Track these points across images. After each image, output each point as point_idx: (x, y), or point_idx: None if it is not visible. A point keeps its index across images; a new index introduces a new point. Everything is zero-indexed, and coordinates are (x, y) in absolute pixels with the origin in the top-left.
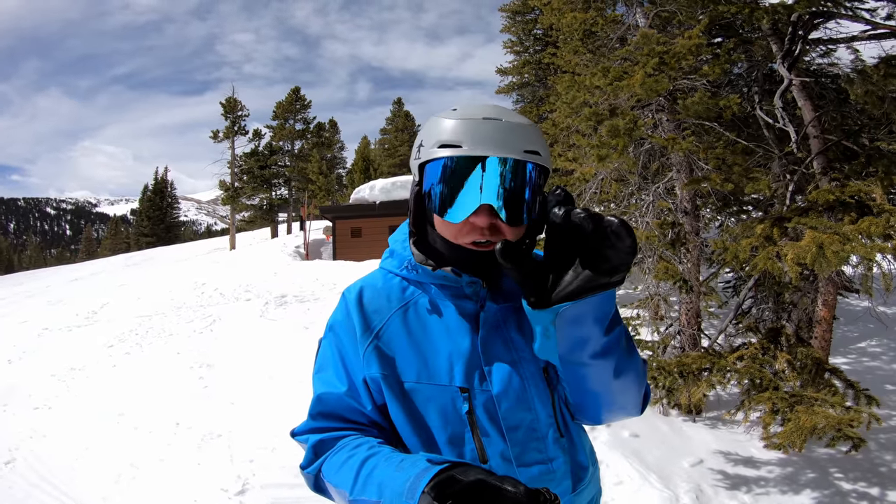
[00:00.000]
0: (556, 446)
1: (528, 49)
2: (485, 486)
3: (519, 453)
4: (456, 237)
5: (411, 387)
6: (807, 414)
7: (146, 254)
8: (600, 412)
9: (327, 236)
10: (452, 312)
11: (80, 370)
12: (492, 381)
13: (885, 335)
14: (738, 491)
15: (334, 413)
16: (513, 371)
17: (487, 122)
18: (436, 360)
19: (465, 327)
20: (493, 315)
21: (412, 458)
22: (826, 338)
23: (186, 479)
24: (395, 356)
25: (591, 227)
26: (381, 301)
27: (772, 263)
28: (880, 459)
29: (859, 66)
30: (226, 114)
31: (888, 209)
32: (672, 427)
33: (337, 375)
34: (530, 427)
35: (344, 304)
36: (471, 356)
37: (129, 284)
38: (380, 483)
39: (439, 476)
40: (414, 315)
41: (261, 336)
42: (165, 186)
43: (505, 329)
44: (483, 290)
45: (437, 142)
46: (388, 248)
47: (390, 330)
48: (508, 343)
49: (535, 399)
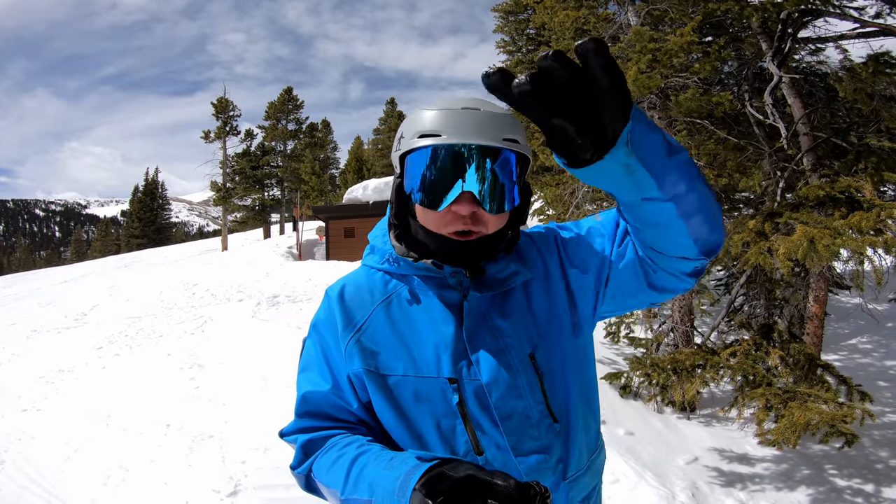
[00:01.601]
0: (550, 433)
1: (521, 49)
2: (475, 480)
3: (515, 442)
4: (438, 227)
5: (397, 380)
6: (800, 410)
7: (137, 255)
8: (693, 230)
9: (320, 237)
10: (436, 303)
11: (69, 372)
12: (480, 370)
13: (875, 331)
14: (733, 488)
15: (320, 411)
16: (501, 359)
17: (466, 111)
18: (422, 352)
19: (449, 317)
20: (476, 304)
21: (402, 455)
22: (818, 334)
23: (177, 481)
24: (379, 350)
25: (565, 71)
26: (363, 296)
27: (763, 258)
28: (875, 456)
29: (847, 65)
30: (217, 114)
31: (878, 204)
32: (667, 424)
33: (321, 374)
34: (524, 415)
35: (326, 301)
36: (456, 346)
37: (120, 286)
38: (371, 482)
39: (430, 473)
40: (398, 308)
41: (253, 336)
42: (156, 188)
43: (490, 318)
44: (466, 280)
45: (416, 132)
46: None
47: (374, 324)
48: (494, 331)
49: (525, 386)
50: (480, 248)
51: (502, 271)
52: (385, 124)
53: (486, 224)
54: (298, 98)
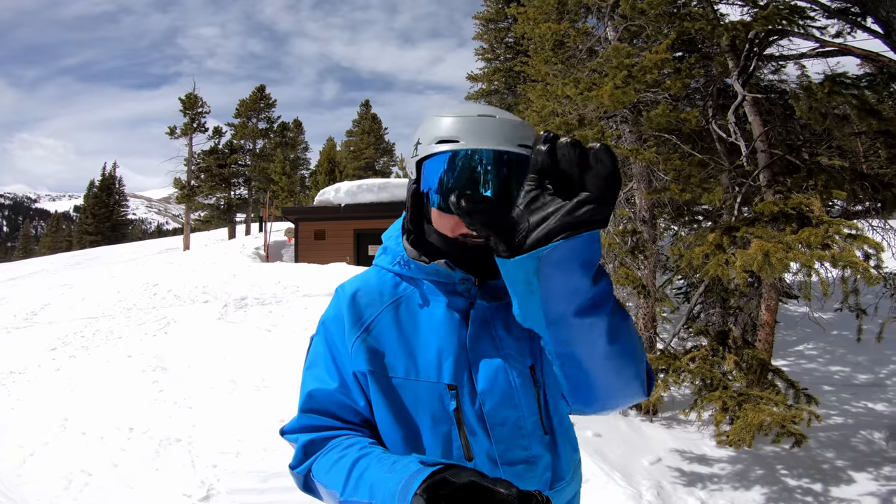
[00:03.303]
0: (540, 444)
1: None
2: (477, 488)
3: (503, 451)
4: (453, 230)
5: (399, 382)
6: (754, 411)
7: (91, 252)
8: (600, 392)
9: (289, 238)
10: (443, 308)
11: (21, 374)
12: (478, 378)
13: (821, 339)
14: (694, 487)
15: (325, 409)
16: (499, 368)
17: (483, 118)
18: (425, 356)
19: (455, 323)
20: (482, 312)
21: (404, 459)
22: (769, 340)
23: (145, 485)
24: (384, 351)
25: (576, 154)
26: (372, 296)
27: (722, 270)
28: (822, 457)
29: (805, 83)
30: (185, 110)
31: (826, 220)
32: (631, 426)
33: (328, 371)
34: (516, 424)
35: (336, 299)
36: (459, 353)
37: (73, 284)
38: (371, 484)
39: (432, 478)
40: (405, 310)
41: (220, 339)
42: (113, 182)
43: (494, 327)
44: (474, 288)
45: (434, 138)
46: (381, 245)
47: (381, 325)
48: (496, 340)
49: (520, 397)
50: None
51: None
52: (359, 126)
53: None
54: (271, 96)
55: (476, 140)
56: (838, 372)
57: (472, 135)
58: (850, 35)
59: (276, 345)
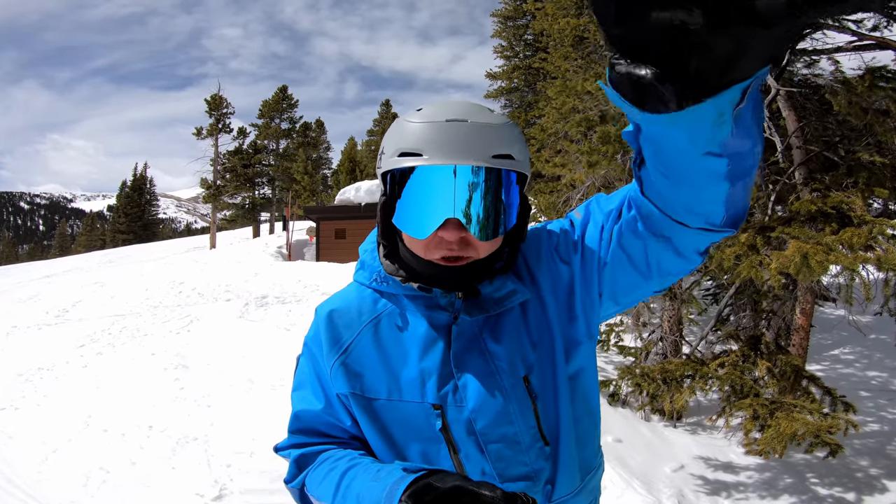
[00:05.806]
0: (541, 457)
1: (518, 54)
2: (462, 491)
3: (503, 469)
4: (425, 253)
5: (382, 404)
6: (787, 420)
7: (122, 251)
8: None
9: (311, 237)
10: (424, 325)
11: (49, 370)
12: (466, 396)
13: (858, 343)
14: (718, 496)
15: (313, 429)
16: (491, 384)
17: (451, 124)
18: (407, 376)
19: (438, 340)
20: (467, 327)
21: (388, 467)
22: (803, 345)
23: (160, 484)
24: (364, 372)
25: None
26: (351, 315)
27: (755, 272)
28: (856, 465)
29: (841, 77)
30: (210, 111)
31: (869, 220)
32: (654, 432)
33: (314, 393)
34: (513, 440)
35: (315, 320)
36: (443, 370)
37: (104, 282)
38: (358, 494)
39: (416, 484)
40: (386, 328)
41: (240, 337)
42: (144, 183)
43: (482, 340)
44: (458, 301)
45: (397, 149)
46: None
47: (360, 345)
48: (485, 355)
49: (516, 411)
50: (472, 271)
51: (499, 290)
52: (379, 126)
53: (477, 249)
54: (293, 97)
55: (440, 153)
56: (875, 377)
57: (436, 147)
58: (887, 29)
59: (294, 344)
